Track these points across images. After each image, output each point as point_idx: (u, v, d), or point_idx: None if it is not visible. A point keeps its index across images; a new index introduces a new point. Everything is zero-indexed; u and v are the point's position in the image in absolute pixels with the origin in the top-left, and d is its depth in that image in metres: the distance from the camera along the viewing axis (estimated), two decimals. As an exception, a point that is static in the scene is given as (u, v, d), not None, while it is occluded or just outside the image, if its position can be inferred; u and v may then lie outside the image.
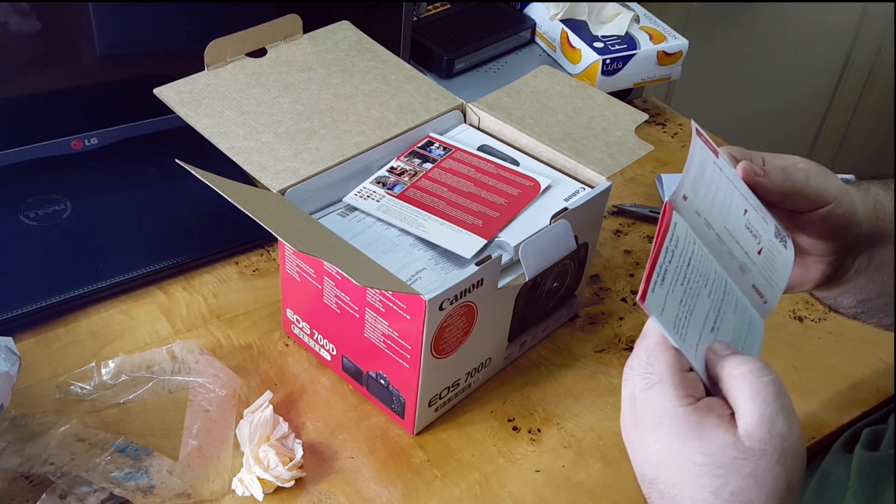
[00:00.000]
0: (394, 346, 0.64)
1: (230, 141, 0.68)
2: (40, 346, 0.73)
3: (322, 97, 0.74)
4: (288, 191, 0.66)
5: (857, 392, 0.75)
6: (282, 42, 0.76)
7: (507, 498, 0.65)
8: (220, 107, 0.70)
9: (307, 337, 0.73)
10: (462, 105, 0.78)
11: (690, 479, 0.43)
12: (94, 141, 0.85)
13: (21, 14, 0.76)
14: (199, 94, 0.70)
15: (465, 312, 0.63)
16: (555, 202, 0.71)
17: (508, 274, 0.68)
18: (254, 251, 0.84)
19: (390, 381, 0.66)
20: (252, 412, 0.65)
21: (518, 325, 0.71)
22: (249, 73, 0.74)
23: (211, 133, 0.68)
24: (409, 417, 0.67)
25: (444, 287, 0.60)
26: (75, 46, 0.81)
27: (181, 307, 0.77)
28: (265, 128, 0.70)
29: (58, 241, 0.80)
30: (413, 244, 0.67)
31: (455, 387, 0.69)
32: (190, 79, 0.71)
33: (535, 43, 1.14)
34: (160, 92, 0.70)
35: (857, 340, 0.80)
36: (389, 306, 0.62)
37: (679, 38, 1.07)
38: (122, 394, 0.67)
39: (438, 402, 0.68)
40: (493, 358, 0.72)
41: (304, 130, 0.70)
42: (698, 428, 0.43)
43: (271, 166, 0.67)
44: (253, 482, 0.62)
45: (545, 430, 0.70)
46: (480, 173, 0.72)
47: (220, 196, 0.86)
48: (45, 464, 0.60)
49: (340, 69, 0.77)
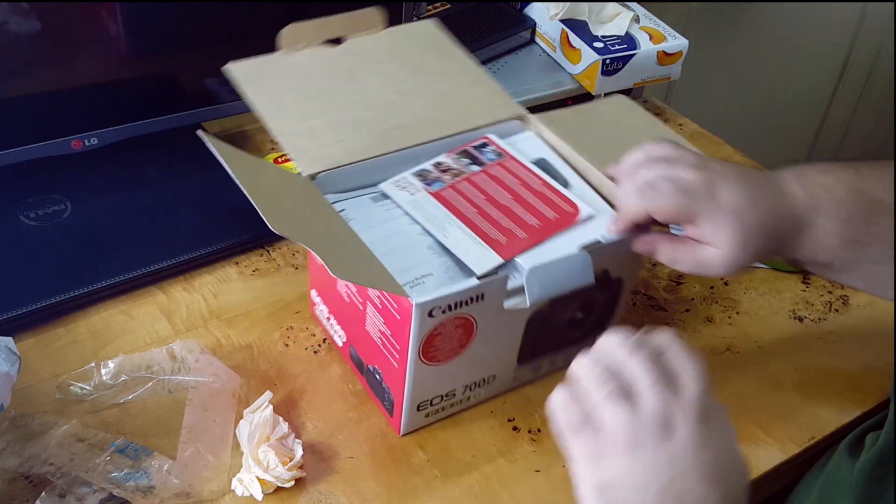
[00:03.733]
0: (387, 343, 0.63)
1: (280, 122, 0.68)
2: (40, 346, 0.73)
3: (384, 91, 0.73)
4: (319, 176, 0.66)
5: (857, 392, 0.75)
6: (362, 33, 0.76)
7: (507, 498, 0.65)
8: (282, 89, 0.71)
9: (325, 320, 0.73)
10: (523, 115, 0.76)
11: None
12: (94, 141, 0.85)
13: (21, 14, 0.76)
14: (265, 75, 0.71)
15: (461, 325, 0.62)
16: (591, 233, 0.67)
17: (520, 296, 0.64)
18: (254, 251, 0.84)
19: (383, 378, 0.66)
20: (252, 412, 0.65)
21: (530, 349, 0.69)
22: (320, 60, 0.73)
23: (265, 112, 0.69)
24: (397, 417, 0.67)
25: (438, 295, 0.59)
26: (75, 46, 0.81)
27: (181, 307, 0.77)
28: (319, 113, 0.70)
29: (58, 241, 0.80)
30: (430, 246, 0.66)
31: (450, 397, 0.68)
32: (261, 59, 0.72)
33: (535, 43, 1.14)
34: (229, 68, 0.71)
35: (857, 340, 0.80)
36: (385, 304, 0.62)
37: (679, 38, 1.06)
38: (121, 394, 0.67)
39: (430, 409, 0.67)
40: (499, 376, 0.70)
41: (355, 120, 0.70)
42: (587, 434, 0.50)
43: (311, 150, 0.67)
44: (252, 482, 0.62)
45: (545, 430, 0.70)
46: (524, 188, 0.69)
47: (220, 196, 0.86)
48: (44, 464, 0.60)
49: (410, 66, 0.76)
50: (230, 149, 0.62)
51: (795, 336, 0.81)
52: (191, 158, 0.90)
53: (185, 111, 0.89)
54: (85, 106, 0.84)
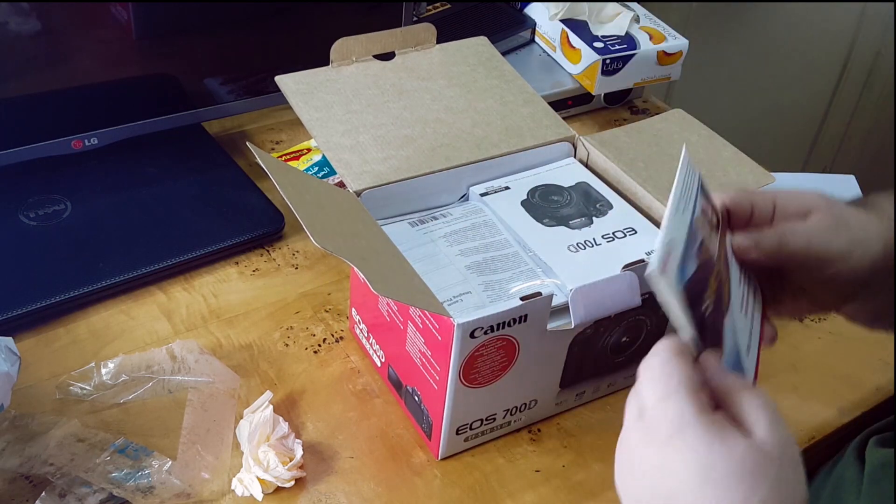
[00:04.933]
0: (427, 364, 0.62)
1: (327, 135, 0.69)
2: (40, 346, 0.73)
3: (432, 108, 0.73)
4: (364, 193, 0.65)
5: (857, 392, 0.75)
6: (412, 49, 0.76)
7: (507, 498, 0.65)
8: (331, 102, 0.71)
9: (364, 339, 0.72)
10: (573, 137, 0.75)
11: (716, 488, 0.41)
12: (94, 141, 0.85)
13: (21, 14, 0.76)
14: (315, 87, 0.71)
15: (503, 346, 0.60)
16: (635, 252, 0.65)
17: (562, 317, 0.63)
18: (254, 251, 0.84)
19: (423, 400, 0.65)
20: (252, 412, 0.65)
21: (573, 374, 0.67)
22: (371, 74, 0.74)
23: (312, 125, 0.69)
24: (435, 440, 0.65)
25: (480, 315, 0.57)
26: (75, 46, 0.81)
27: (181, 307, 0.77)
28: (365, 128, 0.70)
29: (58, 241, 0.80)
30: (468, 266, 0.65)
31: (490, 421, 0.66)
32: (312, 72, 0.72)
33: (535, 43, 1.14)
34: (281, 79, 0.71)
35: (857, 340, 0.80)
36: (426, 323, 0.60)
37: (679, 38, 1.07)
38: (121, 394, 0.67)
39: (469, 433, 0.65)
40: (540, 401, 0.68)
41: (401, 137, 0.70)
42: (721, 434, 0.41)
43: (357, 166, 0.67)
44: (252, 482, 0.62)
45: (545, 430, 0.70)
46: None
47: (220, 196, 0.86)
48: (44, 464, 0.60)
49: (460, 83, 0.76)
50: (277, 161, 0.62)
51: (795, 336, 0.81)
52: (191, 158, 0.90)
53: (185, 111, 0.89)
54: (85, 106, 0.84)
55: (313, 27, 0.81)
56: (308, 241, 0.85)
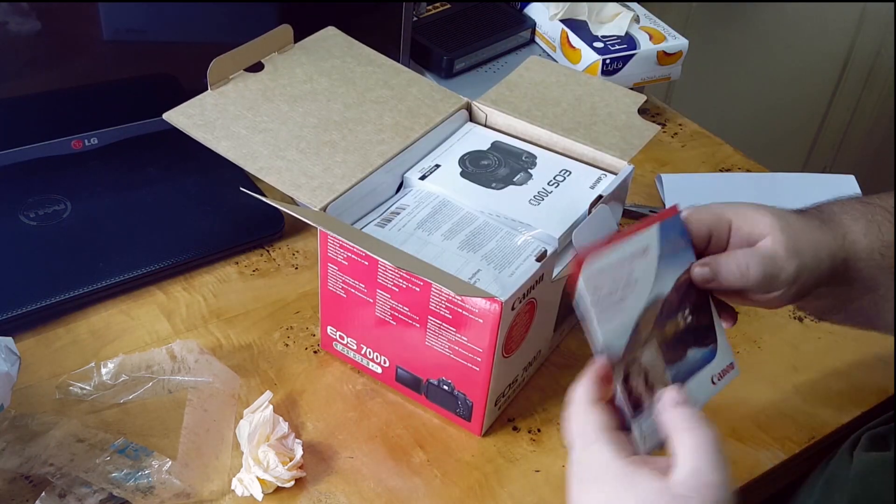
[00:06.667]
0: (461, 350, 0.64)
1: (256, 162, 0.67)
2: (40, 346, 0.73)
3: (332, 108, 0.73)
4: (329, 207, 0.65)
5: (857, 392, 0.75)
6: (276, 54, 0.76)
7: (507, 498, 0.65)
8: (236, 127, 0.69)
9: (353, 352, 0.72)
10: (467, 103, 0.78)
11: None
12: (94, 141, 0.85)
13: (21, 14, 0.76)
14: (209, 116, 0.69)
15: (528, 309, 0.64)
16: (581, 191, 0.71)
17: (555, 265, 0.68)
18: (254, 251, 0.84)
19: (455, 387, 0.66)
20: (252, 412, 0.65)
21: (561, 314, 0.72)
22: (253, 89, 0.73)
23: (235, 155, 0.67)
24: (477, 419, 0.67)
25: (516, 287, 0.61)
26: (75, 46, 0.81)
27: (181, 307, 0.77)
28: (286, 145, 0.69)
29: (58, 241, 0.80)
30: (460, 246, 0.66)
31: (515, 383, 0.70)
32: (196, 100, 0.70)
33: (535, 43, 1.15)
34: (169, 117, 0.68)
35: (857, 340, 0.80)
36: (458, 312, 0.62)
37: (679, 38, 1.07)
38: (121, 394, 0.67)
39: (502, 401, 0.69)
40: (542, 350, 0.73)
41: (325, 143, 0.70)
42: (633, 477, 0.47)
43: (305, 184, 0.66)
44: (252, 482, 0.62)
45: (545, 430, 0.70)
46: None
47: (219, 196, 0.86)
48: (44, 464, 0.60)
49: (341, 78, 0.76)
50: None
51: (795, 336, 0.81)
52: (191, 158, 0.90)
53: (185, 111, 0.89)
54: (85, 106, 0.84)
55: (313, 27, 0.81)
56: (308, 241, 0.85)
